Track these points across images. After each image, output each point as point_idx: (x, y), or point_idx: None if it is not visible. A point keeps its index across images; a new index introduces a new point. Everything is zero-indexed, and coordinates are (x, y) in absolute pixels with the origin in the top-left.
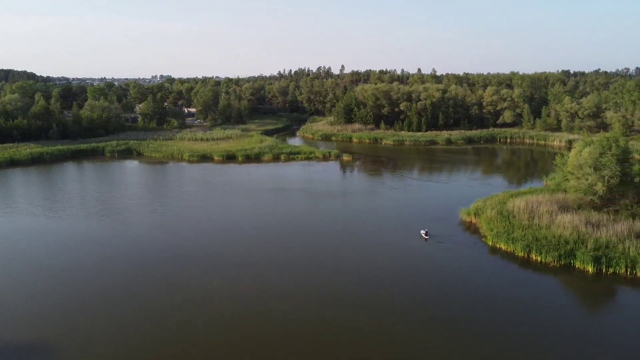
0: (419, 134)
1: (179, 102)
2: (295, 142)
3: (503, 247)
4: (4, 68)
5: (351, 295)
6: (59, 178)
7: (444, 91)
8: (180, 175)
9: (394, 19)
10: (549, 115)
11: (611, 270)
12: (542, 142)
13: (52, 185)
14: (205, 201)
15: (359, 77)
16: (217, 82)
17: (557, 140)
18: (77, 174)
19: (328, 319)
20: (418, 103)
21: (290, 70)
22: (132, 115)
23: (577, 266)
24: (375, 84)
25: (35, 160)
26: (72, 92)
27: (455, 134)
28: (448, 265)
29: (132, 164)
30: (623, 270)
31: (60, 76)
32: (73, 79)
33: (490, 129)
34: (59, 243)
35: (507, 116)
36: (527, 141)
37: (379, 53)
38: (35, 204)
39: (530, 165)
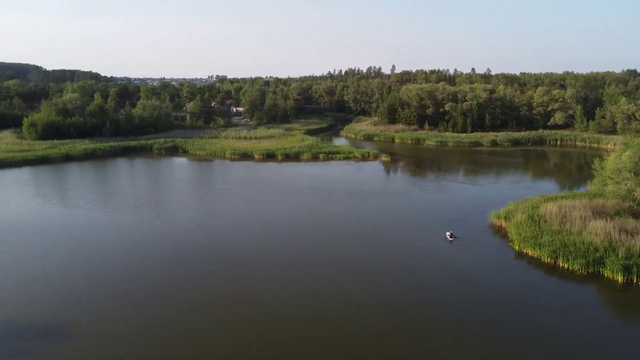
0: (463, 135)
1: (227, 102)
2: (338, 142)
3: (530, 252)
4: (71, 69)
5: (371, 297)
6: (107, 172)
7: (492, 91)
8: (220, 173)
9: (445, 18)
10: (603, 117)
11: None
12: (595, 145)
13: (99, 180)
14: (239, 199)
15: (408, 77)
16: (266, 82)
17: (611, 143)
18: (123, 170)
19: (351, 321)
20: (464, 104)
21: (341, 70)
22: (181, 114)
23: (605, 275)
24: (421, 84)
25: (89, 156)
26: (128, 91)
27: (502, 135)
28: (470, 269)
29: (176, 161)
30: None
31: (122, 76)
32: (134, 79)
33: (540, 131)
34: (93, 235)
35: (559, 117)
36: (579, 144)
37: (431, 53)
38: (80, 196)
39: (577, 169)
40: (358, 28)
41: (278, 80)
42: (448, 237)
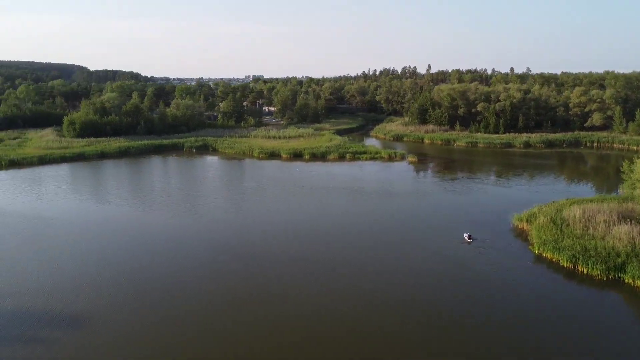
0: (495, 136)
1: (260, 101)
2: (368, 142)
3: (549, 256)
4: (114, 69)
5: (390, 297)
6: (138, 170)
7: (526, 92)
8: (248, 171)
9: (483, 17)
10: None
11: None
12: (634, 148)
13: (129, 177)
14: (263, 197)
15: (443, 77)
16: (300, 82)
17: None
18: (153, 167)
19: (368, 321)
20: (497, 104)
21: (375, 70)
22: (214, 114)
23: (626, 281)
24: (454, 84)
25: (122, 154)
26: (165, 91)
27: (535, 136)
28: (487, 271)
29: (206, 159)
30: None
31: (162, 76)
32: (173, 79)
33: (576, 132)
34: (120, 232)
35: (596, 119)
36: (617, 146)
37: (469, 52)
38: (110, 193)
39: (612, 172)
40: (394, 28)
41: (311, 80)
42: (466, 238)
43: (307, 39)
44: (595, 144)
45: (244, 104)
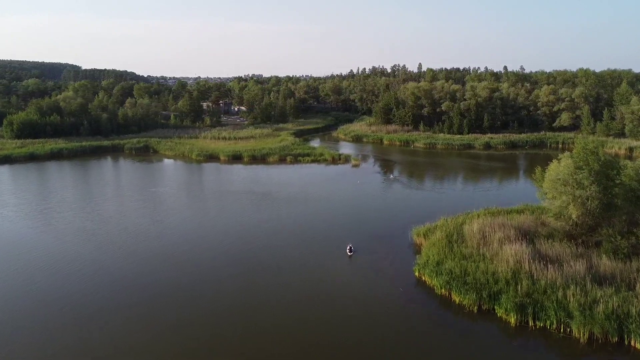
0: (457, 137)
1: (228, 100)
2: (327, 143)
3: (427, 280)
4: (107, 68)
5: (244, 324)
6: (52, 174)
7: (494, 90)
8: (167, 175)
9: (476, 16)
10: (613, 118)
11: (540, 323)
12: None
13: (34, 182)
14: (157, 204)
15: (419, 76)
16: (278, 81)
17: (616, 147)
18: (70, 170)
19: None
20: (462, 103)
21: (364, 69)
22: (170, 113)
23: (499, 314)
24: (422, 82)
25: (54, 156)
26: (132, 90)
27: (498, 137)
28: (351, 295)
29: (135, 162)
30: (555, 326)
31: (160, 75)
32: (170, 78)
33: (542, 133)
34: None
35: (565, 118)
36: None
37: (467, 51)
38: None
39: None
40: (392, 27)
41: (290, 78)
42: (347, 251)
43: (307, 38)
44: (560, 146)
45: (206, 104)
